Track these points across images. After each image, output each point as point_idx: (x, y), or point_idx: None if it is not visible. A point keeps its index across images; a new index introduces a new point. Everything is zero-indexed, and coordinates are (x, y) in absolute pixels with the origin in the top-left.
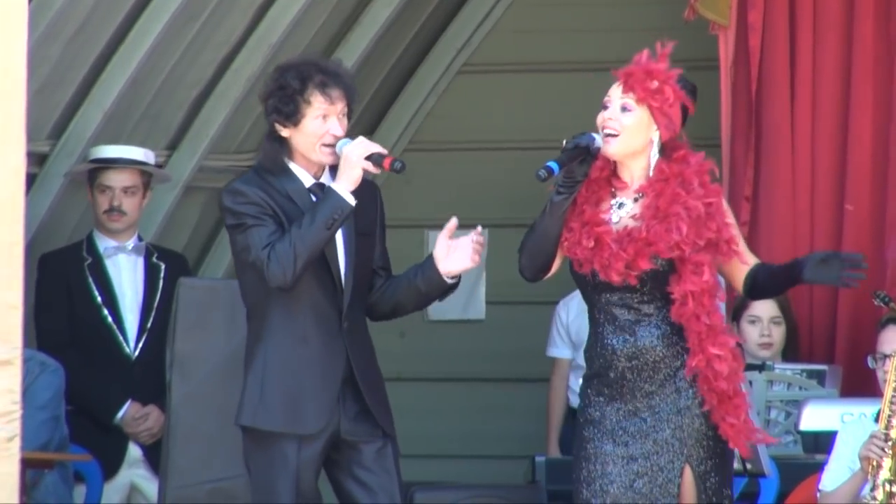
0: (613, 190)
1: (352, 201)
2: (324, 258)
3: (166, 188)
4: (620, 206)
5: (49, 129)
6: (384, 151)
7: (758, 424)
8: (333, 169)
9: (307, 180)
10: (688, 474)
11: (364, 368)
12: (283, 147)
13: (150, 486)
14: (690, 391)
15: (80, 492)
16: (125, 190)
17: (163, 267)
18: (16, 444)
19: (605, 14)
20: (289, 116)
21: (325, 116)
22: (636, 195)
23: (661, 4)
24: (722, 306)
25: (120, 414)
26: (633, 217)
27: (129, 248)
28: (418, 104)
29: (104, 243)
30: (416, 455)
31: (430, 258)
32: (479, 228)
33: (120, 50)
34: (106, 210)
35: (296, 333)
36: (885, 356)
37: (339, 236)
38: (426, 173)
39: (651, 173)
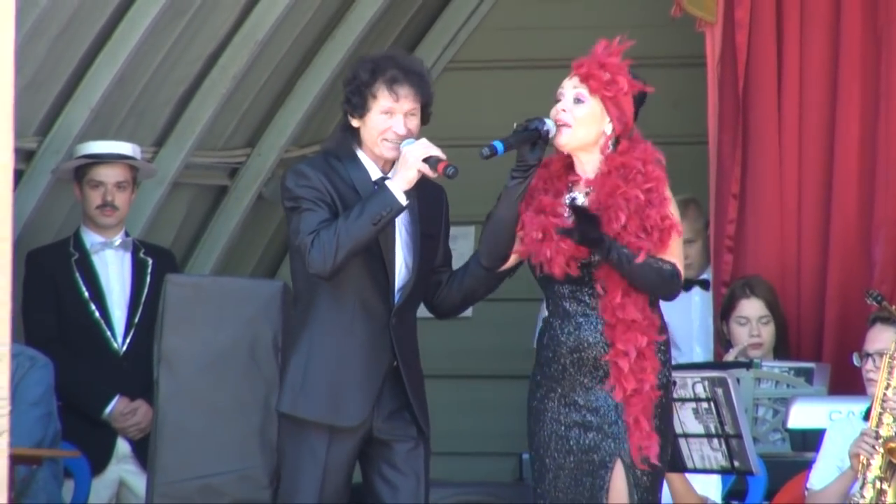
0: (570, 184)
1: (403, 201)
2: (379, 253)
3: (153, 184)
4: (573, 200)
5: (36, 125)
6: (442, 156)
7: (745, 422)
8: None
9: (374, 172)
10: (619, 468)
11: (409, 366)
12: (355, 136)
13: (138, 481)
14: None
15: (68, 487)
16: (118, 185)
17: (150, 262)
18: (4, 440)
19: (591, 11)
20: (356, 108)
21: (389, 113)
22: (587, 189)
23: (648, 1)
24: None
25: (108, 409)
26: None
27: (117, 243)
28: None
29: (91, 239)
30: None
31: None
32: None
33: (106, 47)
34: (99, 205)
35: (342, 324)
36: (870, 354)
37: (400, 234)
38: None
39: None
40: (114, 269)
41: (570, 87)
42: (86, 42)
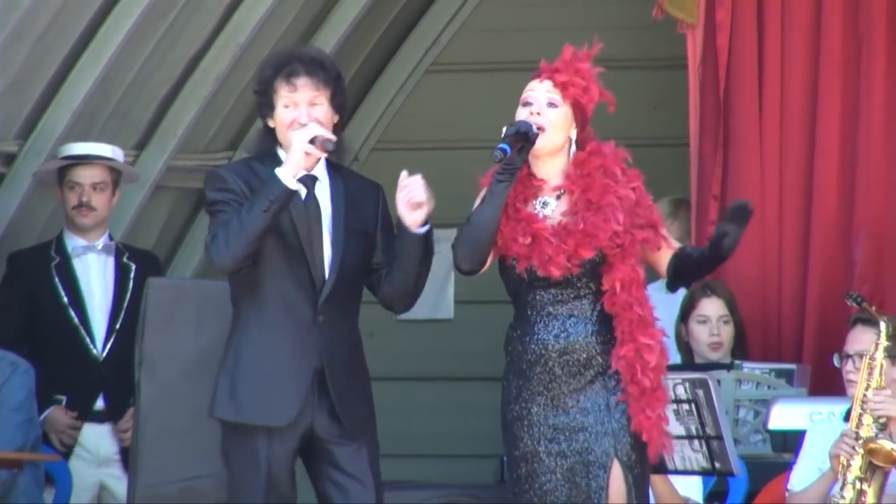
0: (534, 189)
1: (292, 186)
2: (301, 251)
3: (135, 187)
4: (544, 204)
5: (17, 128)
6: (326, 135)
7: (726, 424)
8: (329, 161)
9: None
10: (616, 468)
11: (338, 366)
12: (274, 138)
13: (120, 485)
14: (618, 389)
15: (49, 492)
16: (94, 186)
17: (133, 267)
18: None
19: (573, 13)
20: (264, 107)
21: (292, 105)
22: (557, 192)
23: (629, 3)
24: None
25: (43, 415)
26: (562, 213)
27: (99, 247)
28: (386, 103)
29: (73, 242)
30: (385, 454)
31: (399, 224)
32: (404, 173)
33: (88, 49)
34: (75, 206)
35: (265, 326)
36: (850, 356)
37: (326, 231)
38: (394, 172)
39: (567, 170)
40: (95, 274)
41: (543, 91)
42: (67, 45)
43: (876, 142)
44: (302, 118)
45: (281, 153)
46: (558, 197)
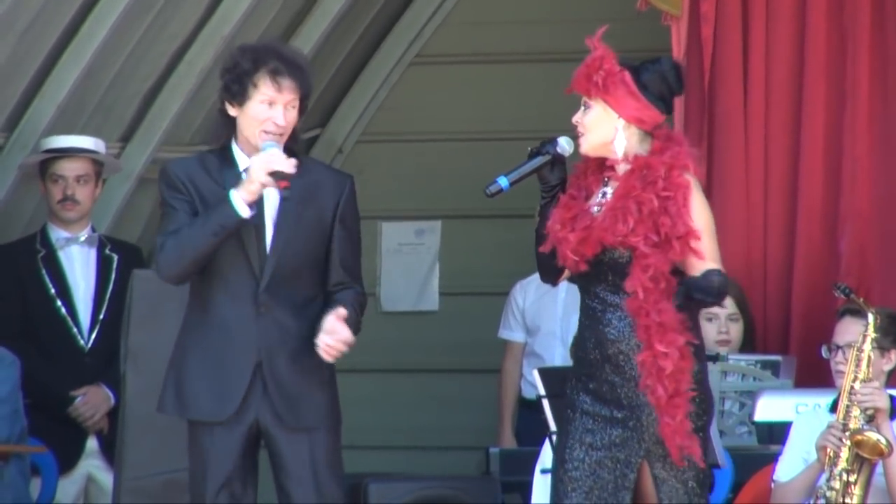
0: (606, 178)
1: (243, 214)
2: (240, 241)
3: (120, 180)
4: (604, 194)
5: (2, 121)
6: (288, 170)
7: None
8: (288, 151)
9: (245, 164)
10: (645, 471)
11: (282, 359)
12: (231, 127)
13: (106, 476)
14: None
15: (35, 484)
16: (77, 179)
17: (115, 258)
18: None
19: (557, 5)
20: (235, 96)
21: (270, 103)
22: (616, 184)
23: None
24: None
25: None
26: (602, 205)
27: (82, 239)
28: (370, 96)
29: (57, 234)
30: (370, 447)
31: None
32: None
33: (73, 42)
34: (60, 200)
35: (211, 319)
36: (839, 347)
37: (269, 220)
38: (378, 164)
39: (622, 159)
40: (79, 265)
41: (579, 100)
42: (52, 38)
43: (861, 134)
44: (278, 119)
45: (234, 147)
46: (615, 190)
